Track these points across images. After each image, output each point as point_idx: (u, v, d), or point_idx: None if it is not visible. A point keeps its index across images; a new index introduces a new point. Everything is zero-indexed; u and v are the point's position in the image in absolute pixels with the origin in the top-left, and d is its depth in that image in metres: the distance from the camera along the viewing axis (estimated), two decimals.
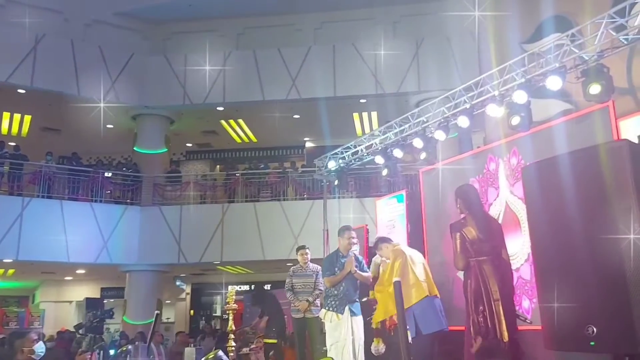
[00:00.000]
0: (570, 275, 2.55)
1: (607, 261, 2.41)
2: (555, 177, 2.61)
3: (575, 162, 2.56)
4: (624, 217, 2.33)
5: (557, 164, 2.64)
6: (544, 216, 2.74)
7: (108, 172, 13.78)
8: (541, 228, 2.78)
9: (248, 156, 17.22)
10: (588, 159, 2.49)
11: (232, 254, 12.86)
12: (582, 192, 2.51)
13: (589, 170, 2.46)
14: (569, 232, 2.55)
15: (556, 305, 2.59)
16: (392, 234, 7.94)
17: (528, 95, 6.25)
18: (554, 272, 2.65)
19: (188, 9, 13.60)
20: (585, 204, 2.50)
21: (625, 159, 2.34)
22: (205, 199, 13.72)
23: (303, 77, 13.11)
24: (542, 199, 2.74)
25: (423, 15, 13.25)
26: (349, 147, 9.13)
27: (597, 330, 2.42)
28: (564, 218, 2.58)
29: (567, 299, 2.55)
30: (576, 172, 2.55)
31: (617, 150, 2.39)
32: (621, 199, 2.33)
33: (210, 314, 18.19)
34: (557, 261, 2.63)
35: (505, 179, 6.42)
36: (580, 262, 2.50)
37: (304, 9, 13.65)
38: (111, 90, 13.24)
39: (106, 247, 12.57)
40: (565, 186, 2.54)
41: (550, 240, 2.69)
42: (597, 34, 5.70)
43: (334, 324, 5.75)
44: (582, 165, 2.52)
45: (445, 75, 12.11)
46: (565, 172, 2.54)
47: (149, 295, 13.20)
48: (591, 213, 2.47)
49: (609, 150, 2.44)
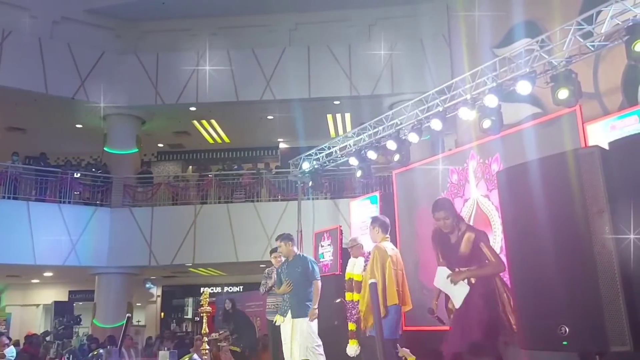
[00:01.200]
0: (543, 277, 2.62)
1: (579, 262, 2.49)
2: (528, 182, 2.68)
3: (548, 167, 2.63)
4: (597, 221, 2.40)
5: (530, 170, 2.70)
6: (518, 220, 2.81)
7: (77, 172, 13.51)
8: (515, 230, 2.84)
9: (221, 157, 17.09)
10: (561, 164, 2.57)
11: (205, 256, 12.76)
12: (554, 196, 2.59)
13: (562, 175, 2.53)
14: (542, 235, 2.62)
15: (529, 305, 2.66)
16: (366, 235, 8.01)
17: (499, 99, 6.39)
18: (527, 274, 2.72)
19: (161, 7, 13.43)
20: (557, 208, 2.57)
21: (597, 164, 2.41)
22: (177, 200, 13.57)
23: (277, 78, 13.08)
24: (516, 204, 2.81)
25: (397, 19, 13.37)
26: (323, 149, 9.16)
27: (569, 330, 2.49)
28: (537, 221, 2.65)
29: (540, 299, 2.62)
30: (549, 177, 2.62)
31: (589, 156, 2.47)
32: (594, 203, 2.40)
33: (182, 317, 17.99)
34: (530, 263, 2.70)
35: (481, 181, 6.54)
36: (553, 264, 2.57)
37: (278, 10, 13.62)
38: (81, 89, 13.00)
39: (75, 249, 12.33)
40: (538, 191, 2.61)
41: (523, 243, 2.76)
42: (565, 40, 5.86)
43: (280, 325, 6.13)
44: (555, 170, 2.60)
45: (418, 78, 12.25)
46: (538, 177, 2.61)
47: (119, 298, 13.00)
48: (564, 216, 2.54)
49: (581, 155, 2.52)
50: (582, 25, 5.77)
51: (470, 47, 10.78)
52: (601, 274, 2.35)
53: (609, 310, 2.32)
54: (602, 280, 2.34)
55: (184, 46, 13.75)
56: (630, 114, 5.48)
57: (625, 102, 7.94)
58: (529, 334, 2.67)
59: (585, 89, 7.64)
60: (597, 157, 2.41)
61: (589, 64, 8.14)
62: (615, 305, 2.30)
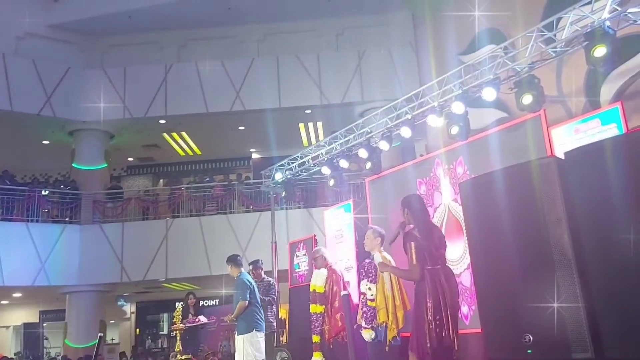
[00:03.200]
0: (507, 286, 2.64)
1: (541, 271, 2.51)
2: (490, 193, 2.70)
3: (509, 178, 2.67)
4: (556, 229, 2.43)
5: (491, 180, 2.73)
6: (482, 229, 2.83)
7: (45, 190, 13.21)
8: (479, 240, 2.86)
9: (193, 169, 16.92)
10: (521, 174, 2.60)
11: (177, 271, 12.58)
12: (515, 206, 2.62)
13: (522, 186, 2.57)
14: (505, 244, 2.65)
15: (494, 315, 2.68)
16: (341, 243, 8.00)
17: (465, 105, 6.47)
18: (491, 284, 2.74)
19: (127, 21, 13.28)
20: (519, 217, 2.60)
21: (554, 174, 2.45)
22: (148, 214, 13.37)
23: (247, 88, 13.05)
24: (479, 213, 2.84)
25: (365, 28, 13.49)
26: (295, 158, 9.14)
27: (533, 339, 2.51)
28: (500, 231, 2.67)
29: (505, 309, 2.64)
30: (510, 187, 2.65)
31: (546, 167, 2.51)
32: (552, 212, 2.44)
33: (157, 333, 17.69)
34: (495, 273, 2.72)
35: (449, 185, 6.60)
36: (516, 273, 2.59)
37: (246, 21, 13.61)
38: (47, 105, 12.75)
39: (44, 269, 12.05)
40: (500, 201, 2.64)
41: (487, 252, 2.78)
42: (527, 47, 5.97)
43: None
44: (515, 180, 2.63)
45: (387, 86, 12.36)
46: (499, 188, 2.64)
47: (91, 316, 12.73)
48: (525, 226, 2.56)
49: (539, 166, 2.55)
50: (544, 31, 5.88)
51: (436, 54, 10.92)
52: (561, 282, 2.38)
53: (570, 318, 2.35)
54: (563, 288, 2.37)
55: (151, 59, 13.62)
56: (593, 117, 5.60)
57: (588, 105, 8.12)
58: (494, 342, 2.68)
59: (550, 93, 7.80)
60: (554, 168, 2.45)
61: (552, 68, 8.31)
62: (576, 314, 2.33)
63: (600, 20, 5.27)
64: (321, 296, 6.09)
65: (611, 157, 2.35)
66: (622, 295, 2.29)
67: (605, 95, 7.88)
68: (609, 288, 2.30)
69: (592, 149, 2.45)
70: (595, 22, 5.32)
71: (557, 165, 2.48)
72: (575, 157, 2.42)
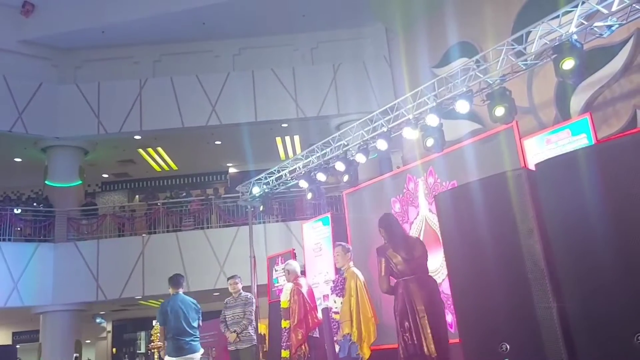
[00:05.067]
0: (484, 296, 2.69)
1: (515, 281, 2.57)
2: (464, 205, 2.76)
3: (484, 189, 2.73)
4: (528, 240, 2.49)
5: (467, 191, 2.79)
6: (457, 239, 2.88)
7: (17, 208, 12.92)
8: (455, 250, 2.91)
9: (169, 184, 16.77)
10: (495, 185, 2.66)
11: (155, 288, 12.35)
12: (490, 216, 2.67)
13: (494, 198, 2.63)
14: (481, 255, 2.70)
15: (471, 324, 2.72)
16: (320, 256, 8.01)
17: (440, 117, 6.57)
18: (468, 293, 2.78)
19: (100, 36, 13.17)
20: (493, 227, 2.66)
21: (524, 186, 2.51)
22: (124, 231, 13.18)
23: (223, 103, 13.02)
24: (455, 225, 2.89)
25: (339, 42, 13.62)
26: (272, 172, 9.14)
27: (510, 347, 2.56)
28: (476, 241, 2.73)
29: (482, 318, 2.68)
30: (483, 199, 2.71)
31: (517, 178, 2.57)
32: (523, 223, 2.50)
33: (134, 351, 17.37)
34: (471, 282, 2.77)
35: (424, 198, 6.68)
36: (492, 283, 2.64)
37: (221, 36, 13.62)
38: (18, 122, 12.53)
39: (17, 289, 11.76)
40: (473, 214, 2.69)
41: (463, 262, 2.83)
42: (499, 60, 6.11)
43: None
44: (490, 191, 2.69)
45: (363, 99, 12.48)
46: (472, 200, 2.69)
47: (67, 336, 12.43)
48: (498, 237, 2.62)
49: (511, 178, 2.61)
50: (514, 45, 6.04)
51: (410, 67, 11.09)
52: (535, 291, 2.44)
53: (544, 326, 2.41)
54: (537, 298, 2.43)
55: (125, 74, 13.51)
56: (563, 128, 5.74)
57: (558, 116, 8.33)
58: (472, 351, 2.72)
59: (521, 104, 7.99)
60: (524, 179, 2.52)
61: (524, 79, 8.52)
62: (550, 322, 2.38)
63: (567, 34, 5.43)
64: (285, 311, 6.09)
65: (580, 167, 2.42)
66: (595, 303, 2.36)
67: (575, 107, 8.10)
68: (581, 295, 2.36)
69: (561, 160, 2.52)
70: (563, 36, 5.49)
71: (528, 176, 2.55)
72: (545, 168, 2.49)
